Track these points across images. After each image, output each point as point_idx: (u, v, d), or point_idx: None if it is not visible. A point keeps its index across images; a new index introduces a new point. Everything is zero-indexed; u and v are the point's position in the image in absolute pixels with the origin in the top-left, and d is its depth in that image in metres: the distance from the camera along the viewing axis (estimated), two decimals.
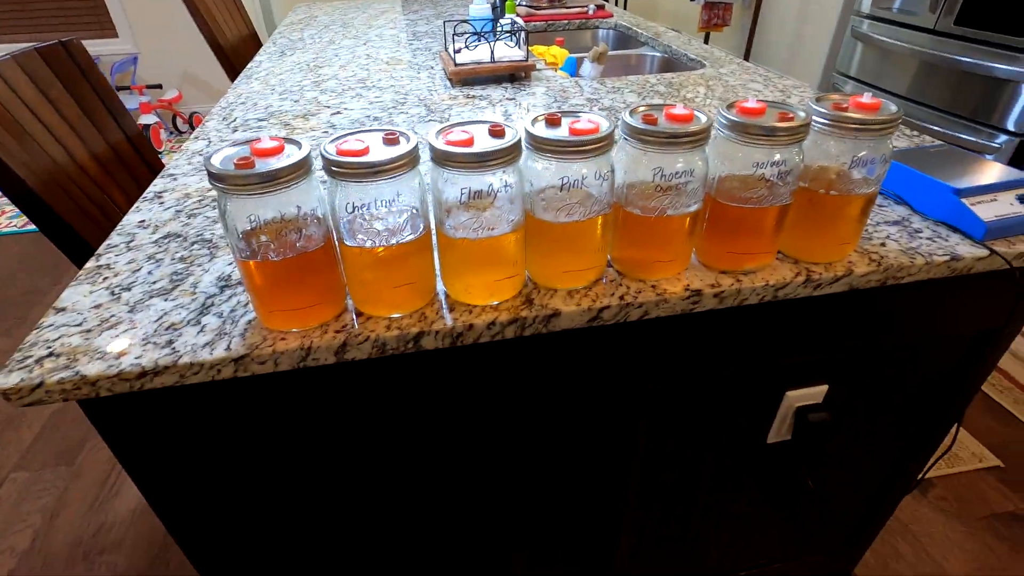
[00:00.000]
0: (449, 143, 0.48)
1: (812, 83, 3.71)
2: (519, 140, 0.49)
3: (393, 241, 0.50)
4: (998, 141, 1.85)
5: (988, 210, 0.65)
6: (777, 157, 0.53)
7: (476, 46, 1.27)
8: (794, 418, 0.78)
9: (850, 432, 0.84)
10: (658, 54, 1.54)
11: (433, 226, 0.54)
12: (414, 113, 1.04)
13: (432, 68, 1.32)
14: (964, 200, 0.65)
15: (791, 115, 0.53)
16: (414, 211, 0.51)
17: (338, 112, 1.05)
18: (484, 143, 0.48)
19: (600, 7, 1.92)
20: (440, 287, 0.57)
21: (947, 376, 0.81)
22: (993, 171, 0.69)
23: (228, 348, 0.49)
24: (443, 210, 0.51)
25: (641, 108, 0.55)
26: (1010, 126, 1.81)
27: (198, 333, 0.51)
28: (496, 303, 0.55)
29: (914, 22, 2.10)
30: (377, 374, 0.57)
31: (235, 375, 0.50)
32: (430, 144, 0.48)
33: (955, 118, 1.98)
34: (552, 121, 0.52)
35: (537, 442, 0.72)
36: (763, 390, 0.75)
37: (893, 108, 0.55)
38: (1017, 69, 1.75)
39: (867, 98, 0.56)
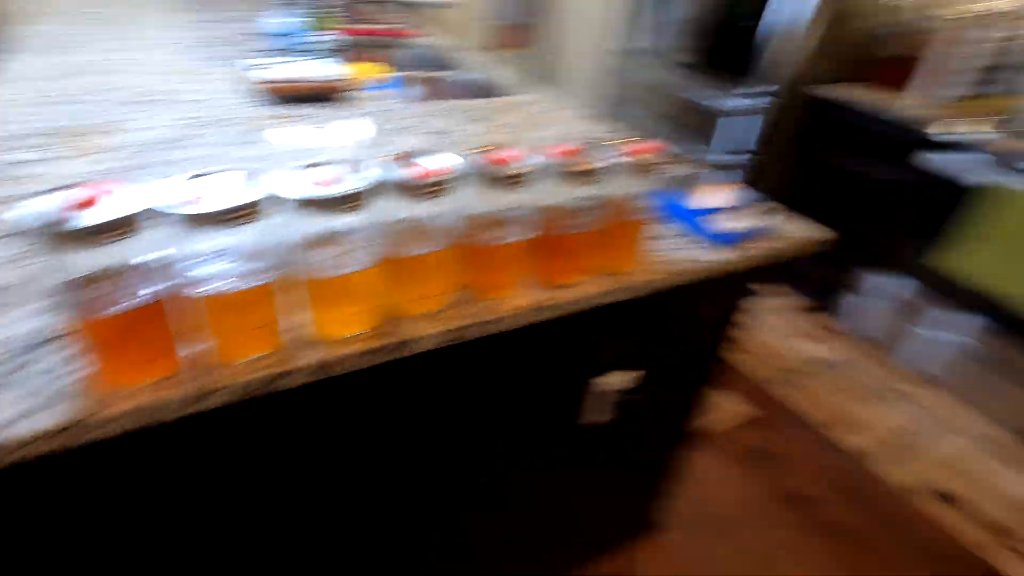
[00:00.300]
0: (308, 183, 0.50)
1: (594, 106, 4.23)
2: (376, 181, 0.52)
3: (248, 284, 0.50)
4: (725, 159, 2.36)
5: (730, 222, 0.86)
6: (587, 192, 0.65)
7: (292, 61, 1.23)
8: (611, 401, 0.94)
9: (651, 404, 1.04)
10: (472, 77, 1.65)
11: (292, 264, 0.54)
12: (233, 133, 0.98)
13: (242, 81, 1.25)
14: (714, 217, 0.86)
15: (597, 160, 0.65)
16: (270, 252, 0.51)
17: (144, 129, 0.94)
18: (342, 184, 0.51)
19: (412, 27, 1.98)
20: (301, 322, 0.58)
21: (711, 349, 1.04)
22: (735, 193, 0.92)
23: (54, 416, 0.45)
24: (302, 249, 0.53)
25: (481, 148, 0.62)
26: (730, 147, 2.33)
27: (8, 404, 0.45)
28: (358, 333, 0.58)
29: (659, 61, 2.57)
30: (237, 419, 0.55)
31: (68, 446, 0.45)
32: (287, 185, 0.50)
33: (695, 140, 2.48)
34: (404, 161, 0.57)
35: (406, 465, 0.76)
36: (587, 381, 0.89)
37: (668, 149, 0.71)
38: (730, 104, 2.26)
39: (647, 143, 0.71)
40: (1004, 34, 1.94)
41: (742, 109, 2.22)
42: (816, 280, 2.28)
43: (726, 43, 2.26)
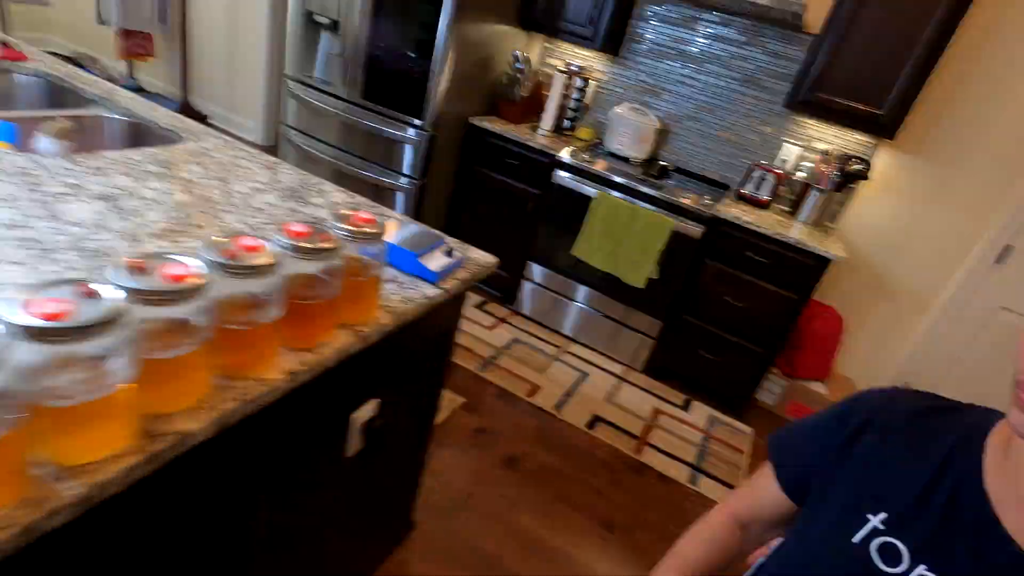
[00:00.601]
0: (40, 316, 0.46)
1: (258, 128, 4.01)
2: (121, 304, 0.51)
3: None
4: (403, 182, 2.62)
5: (434, 263, 1.06)
6: (326, 265, 0.74)
7: None
8: (362, 431, 1.04)
9: (402, 421, 1.18)
10: (119, 117, 1.44)
11: (26, 400, 0.48)
12: None
13: None
14: (421, 260, 1.04)
15: (328, 235, 0.74)
16: None
17: None
18: (83, 310, 0.49)
19: (5, 44, 1.58)
20: (47, 459, 0.51)
21: (436, 360, 1.24)
22: (431, 236, 1.11)
23: None
24: (37, 383, 0.48)
25: (220, 241, 0.65)
26: (406, 171, 2.61)
27: None
28: (120, 451, 0.55)
29: (332, 91, 2.66)
30: None
31: None
32: (11, 321, 0.45)
33: (374, 165, 2.67)
34: (138, 268, 0.56)
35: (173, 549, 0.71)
36: (340, 419, 0.97)
37: (383, 221, 0.84)
38: (401, 133, 2.53)
39: (364, 214, 0.83)
40: (583, 84, 2.70)
41: (415, 138, 2.51)
42: (497, 277, 2.76)
43: (400, 77, 2.49)
